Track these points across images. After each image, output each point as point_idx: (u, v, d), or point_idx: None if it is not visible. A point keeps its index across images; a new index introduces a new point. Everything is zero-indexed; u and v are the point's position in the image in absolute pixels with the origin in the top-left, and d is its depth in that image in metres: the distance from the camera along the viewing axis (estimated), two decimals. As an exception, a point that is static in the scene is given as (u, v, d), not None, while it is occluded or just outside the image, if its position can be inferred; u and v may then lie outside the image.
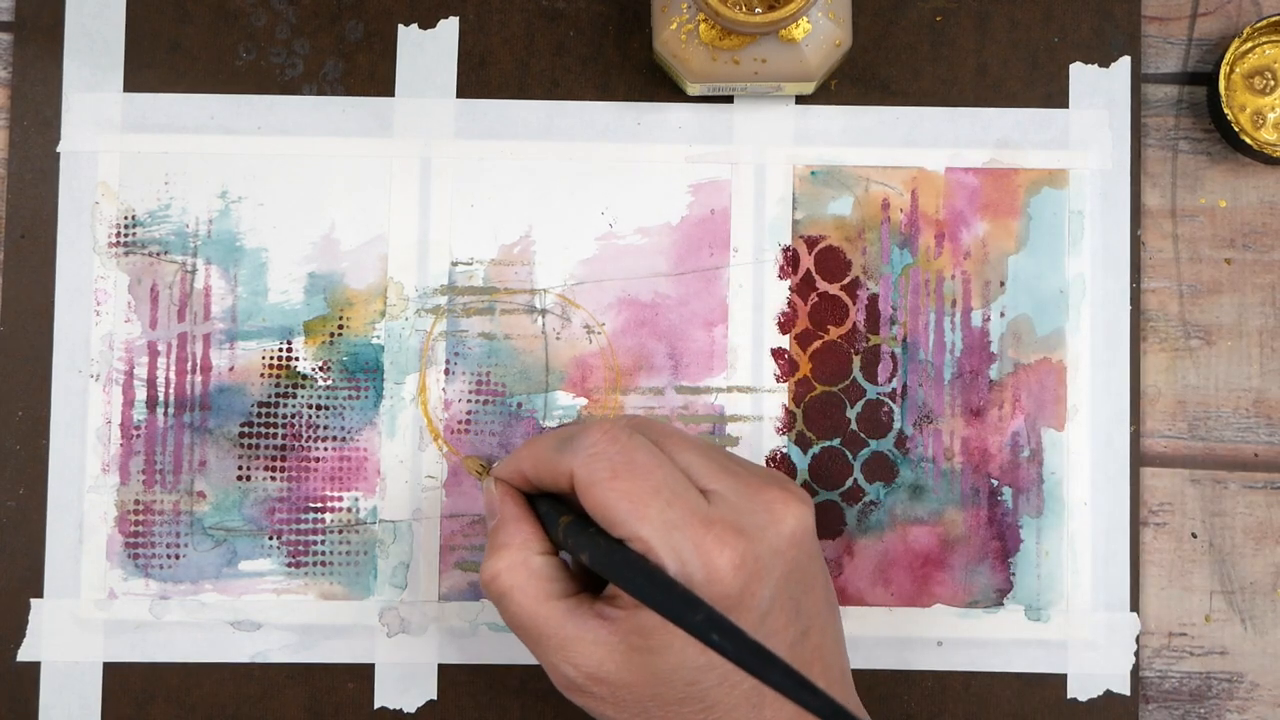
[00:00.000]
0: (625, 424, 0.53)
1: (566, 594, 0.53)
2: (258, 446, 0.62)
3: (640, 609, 0.51)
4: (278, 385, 0.62)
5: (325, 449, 0.62)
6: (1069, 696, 0.62)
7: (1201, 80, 0.64)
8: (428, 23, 0.63)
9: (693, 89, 0.61)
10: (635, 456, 0.51)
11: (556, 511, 0.54)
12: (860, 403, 0.63)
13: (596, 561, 0.51)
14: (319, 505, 0.62)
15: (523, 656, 0.62)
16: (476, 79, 0.63)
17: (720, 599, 0.50)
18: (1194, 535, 0.63)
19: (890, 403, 0.62)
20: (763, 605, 0.51)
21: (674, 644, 0.51)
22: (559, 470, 0.53)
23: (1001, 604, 0.62)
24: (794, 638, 0.52)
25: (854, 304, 0.63)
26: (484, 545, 0.62)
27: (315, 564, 0.62)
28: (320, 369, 0.62)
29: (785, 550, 0.52)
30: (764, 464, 0.62)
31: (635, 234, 0.63)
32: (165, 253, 0.62)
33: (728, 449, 0.60)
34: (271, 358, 0.62)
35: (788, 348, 0.63)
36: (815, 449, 0.62)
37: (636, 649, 0.51)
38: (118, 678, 0.61)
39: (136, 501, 0.62)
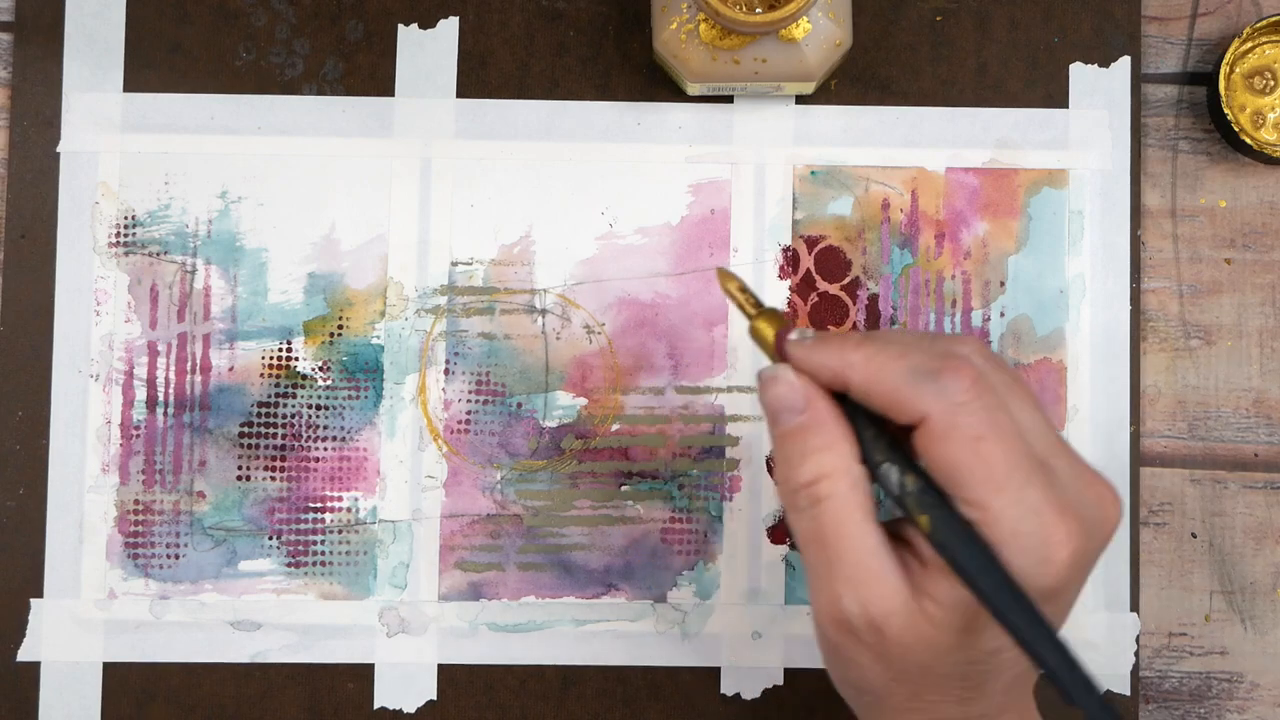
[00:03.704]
0: (984, 373, 0.47)
1: (877, 518, 0.47)
2: (258, 446, 0.62)
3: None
4: (278, 385, 0.62)
5: (325, 449, 0.62)
6: (1069, 696, 0.62)
7: (1201, 80, 0.64)
8: (428, 23, 0.63)
9: (693, 89, 0.61)
10: (999, 418, 0.46)
11: (876, 435, 0.47)
12: (860, 403, 0.62)
13: (920, 515, 0.46)
14: (319, 505, 0.62)
15: (522, 656, 0.62)
16: (476, 79, 0.63)
17: (1044, 590, 0.46)
18: (1194, 535, 0.63)
19: (890, 403, 0.62)
20: (1071, 599, 0.48)
21: (991, 626, 0.46)
22: (906, 406, 0.46)
23: (1001, 604, 0.62)
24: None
25: (854, 304, 0.63)
26: (484, 545, 0.62)
27: (315, 564, 0.62)
28: (320, 369, 0.62)
29: (1102, 551, 0.48)
30: (765, 465, 0.62)
31: (635, 234, 0.63)
32: (165, 253, 0.62)
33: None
34: (271, 358, 0.62)
35: (788, 348, 0.62)
36: (815, 449, 0.62)
37: (943, 625, 0.46)
38: (118, 678, 0.61)
39: (136, 501, 0.62)
